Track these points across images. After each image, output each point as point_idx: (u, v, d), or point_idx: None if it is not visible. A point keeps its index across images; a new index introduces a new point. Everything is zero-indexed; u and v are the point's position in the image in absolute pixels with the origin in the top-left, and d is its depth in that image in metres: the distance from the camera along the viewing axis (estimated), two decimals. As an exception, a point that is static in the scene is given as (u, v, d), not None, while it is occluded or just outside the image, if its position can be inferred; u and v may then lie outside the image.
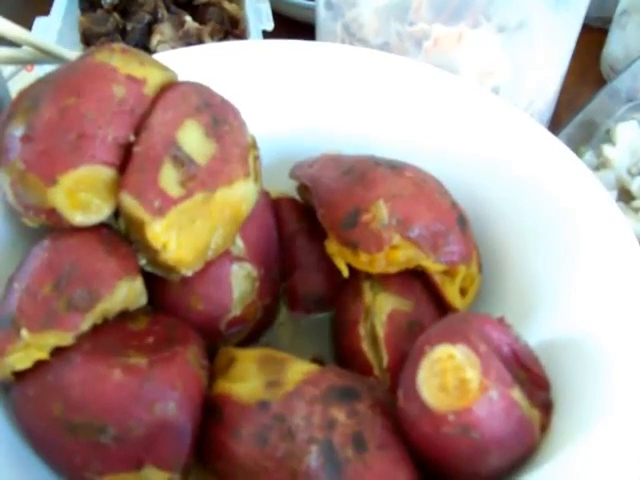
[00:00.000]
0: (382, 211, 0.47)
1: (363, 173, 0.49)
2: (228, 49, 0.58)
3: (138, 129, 0.44)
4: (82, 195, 0.43)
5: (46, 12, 0.77)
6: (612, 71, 0.94)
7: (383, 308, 0.48)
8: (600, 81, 0.97)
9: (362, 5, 0.63)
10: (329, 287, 0.54)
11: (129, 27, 0.77)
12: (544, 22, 0.64)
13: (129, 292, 0.44)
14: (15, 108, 0.45)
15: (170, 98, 0.45)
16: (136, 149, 0.43)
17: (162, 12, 0.76)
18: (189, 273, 0.45)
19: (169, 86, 0.46)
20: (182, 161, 0.43)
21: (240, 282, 0.49)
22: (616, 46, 0.95)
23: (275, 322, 0.54)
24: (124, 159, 0.43)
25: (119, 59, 0.45)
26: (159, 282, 0.46)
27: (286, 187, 0.56)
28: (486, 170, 0.54)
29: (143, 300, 0.46)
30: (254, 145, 0.49)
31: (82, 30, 0.79)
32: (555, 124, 0.81)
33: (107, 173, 0.43)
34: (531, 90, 0.70)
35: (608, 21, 0.97)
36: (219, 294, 0.48)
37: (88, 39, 0.78)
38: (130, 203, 0.42)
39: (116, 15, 0.79)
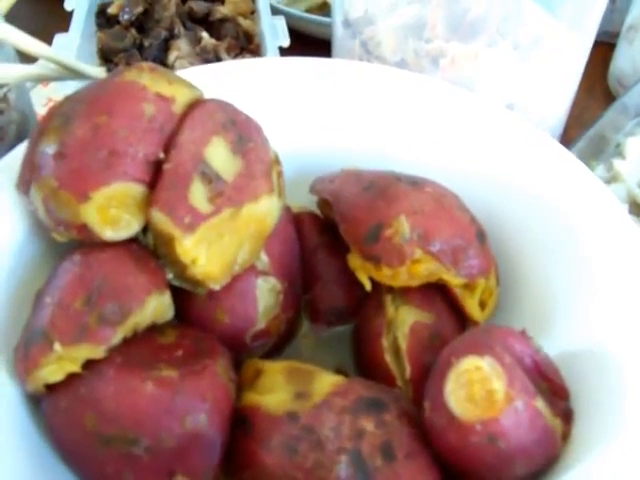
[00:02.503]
0: (404, 226, 0.48)
1: (384, 188, 0.50)
2: (249, 66, 0.59)
3: (167, 146, 0.45)
4: (113, 211, 0.44)
5: (65, 29, 0.79)
6: (620, 85, 0.95)
7: (405, 321, 0.49)
8: (608, 95, 0.98)
9: (379, 23, 0.64)
10: (349, 300, 0.54)
11: (146, 43, 0.78)
12: (558, 39, 0.65)
13: (158, 306, 0.45)
14: (46, 125, 0.46)
15: (197, 116, 0.46)
16: (166, 166, 0.44)
17: (178, 28, 0.78)
18: (217, 287, 0.45)
19: (196, 104, 0.47)
20: (210, 178, 0.44)
21: (265, 296, 0.49)
22: (624, 61, 0.96)
23: (297, 335, 0.55)
24: (154, 176, 0.44)
25: (148, 78, 0.46)
26: (186, 296, 0.47)
27: (306, 202, 0.57)
28: (502, 185, 0.55)
29: (171, 314, 0.47)
30: (277, 161, 0.50)
31: (100, 46, 0.80)
32: (565, 138, 0.82)
33: (137, 189, 0.44)
34: (544, 106, 0.71)
35: (615, 36, 0.98)
36: (245, 307, 0.49)
37: (106, 55, 0.79)
38: (161, 219, 0.43)
39: (133, 31, 0.80)
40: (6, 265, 0.48)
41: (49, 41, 0.75)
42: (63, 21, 0.82)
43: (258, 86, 0.58)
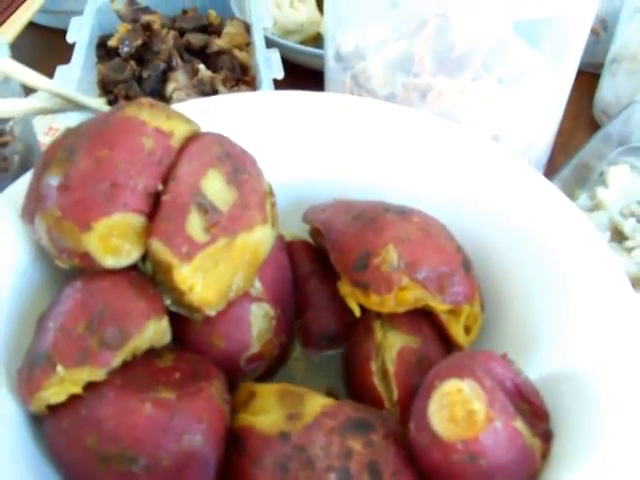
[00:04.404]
0: (391, 255, 0.50)
1: (373, 218, 0.52)
2: (244, 100, 0.61)
3: (166, 179, 0.47)
4: (114, 240, 0.46)
5: (66, 60, 0.81)
6: (604, 115, 0.98)
7: (393, 345, 0.51)
8: (593, 123, 1.00)
9: (369, 58, 0.67)
10: (340, 325, 0.56)
11: (145, 75, 0.80)
12: (541, 73, 0.67)
13: (156, 331, 0.47)
14: (50, 157, 0.48)
15: (194, 149, 0.49)
16: (164, 198, 0.46)
17: (176, 60, 0.80)
18: (212, 313, 0.47)
19: (193, 138, 0.50)
20: (206, 209, 0.46)
21: (258, 321, 0.51)
22: (607, 92, 0.98)
23: (289, 358, 0.57)
24: (153, 207, 0.46)
25: (148, 113, 0.48)
26: (183, 321, 0.49)
27: (299, 230, 0.59)
28: (487, 215, 0.57)
29: (168, 338, 0.48)
30: (271, 192, 0.52)
31: (100, 77, 0.82)
32: (551, 166, 0.84)
33: (137, 220, 0.46)
34: (529, 137, 0.73)
35: (599, 67, 1.01)
36: (239, 332, 0.51)
37: (106, 86, 0.81)
38: (159, 248, 0.45)
39: (132, 63, 0.82)
40: (11, 290, 0.50)
41: (51, 72, 0.78)
42: (65, 52, 0.85)
43: (253, 119, 0.61)
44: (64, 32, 0.88)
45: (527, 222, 0.55)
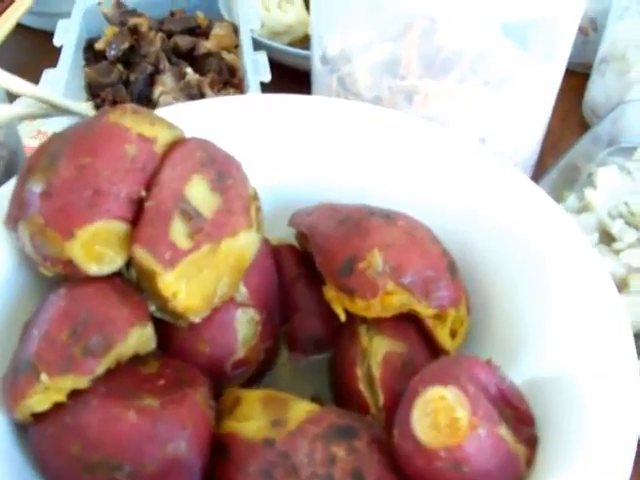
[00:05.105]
0: (377, 259, 0.50)
1: (358, 222, 0.52)
2: (229, 104, 0.61)
3: (149, 185, 0.47)
4: (97, 247, 0.46)
5: (53, 62, 0.81)
6: (594, 115, 0.98)
7: (378, 350, 0.51)
8: (582, 124, 1.00)
9: (356, 61, 0.67)
10: (326, 330, 0.56)
11: (132, 78, 0.80)
12: (528, 75, 0.67)
13: (140, 338, 0.47)
14: (34, 163, 0.48)
15: (178, 155, 0.49)
16: (147, 204, 0.46)
17: (164, 63, 0.80)
18: (197, 320, 0.47)
19: (177, 143, 0.50)
20: (190, 215, 0.46)
21: (244, 326, 0.51)
22: (597, 92, 0.98)
23: (276, 363, 0.57)
24: (136, 213, 0.46)
25: (131, 119, 0.48)
26: (168, 327, 0.49)
27: (285, 234, 0.59)
28: (473, 218, 0.57)
29: (153, 345, 0.48)
30: (256, 197, 0.52)
31: (87, 81, 0.82)
32: (540, 166, 0.84)
33: (120, 227, 0.46)
34: (516, 138, 0.73)
35: (589, 67, 1.01)
36: (224, 338, 0.51)
37: (93, 89, 0.81)
38: (143, 255, 0.45)
39: (120, 66, 0.82)
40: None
41: (38, 74, 0.78)
42: (52, 54, 0.85)
43: (239, 123, 0.61)
44: (51, 34, 0.88)
45: (513, 225, 0.55)
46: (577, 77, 1.02)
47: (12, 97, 0.70)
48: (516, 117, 0.71)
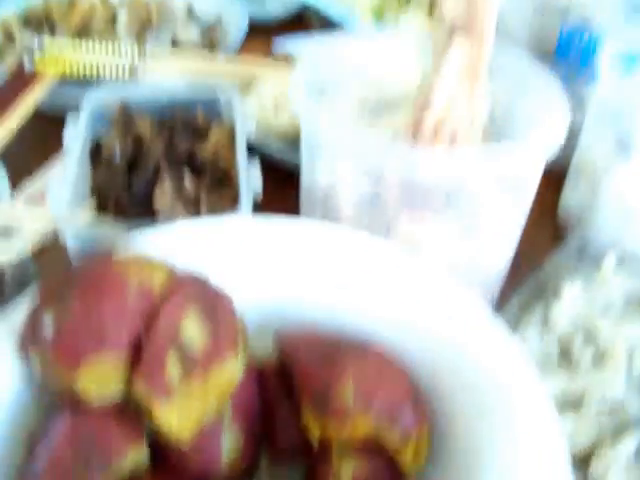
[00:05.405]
0: (349, 389, 0.56)
1: (334, 353, 0.59)
2: (220, 225, 0.67)
3: (147, 326, 0.53)
4: (100, 380, 0.52)
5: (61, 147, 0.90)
6: (568, 223, 1.01)
7: (347, 471, 0.57)
8: (557, 228, 1.03)
9: (338, 190, 0.73)
10: (305, 442, 0.62)
11: (134, 183, 0.86)
12: (497, 208, 0.73)
13: (137, 457, 0.53)
14: (46, 298, 0.54)
15: (173, 298, 0.55)
16: (146, 343, 0.53)
17: (163, 172, 0.85)
18: (187, 441, 0.53)
19: (172, 286, 0.56)
20: (184, 351, 0.52)
21: (228, 442, 0.57)
22: (570, 201, 1.02)
23: (257, 470, 0.63)
24: (136, 351, 0.53)
25: (132, 270, 0.55)
26: (161, 445, 0.55)
27: (268, 349, 0.66)
28: (434, 341, 0.63)
29: (147, 462, 0.55)
30: (243, 330, 0.58)
31: (93, 184, 0.88)
32: (515, 276, 0.86)
33: (122, 362, 0.52)
34: (487, 263, 0.79)
35: (566, 166, 1.03)
36: (210, 454, 0.57)
37: (98, 191, 0.86)
38: (141, 388, 0.51)
39: (124, 170, 0.88)
40: (4, 410, 0.56)
41: (48, 158, 0.87)
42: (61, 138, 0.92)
43: (228, 243, 0.67)
44: (61, 119, 0.94)
45: (471, 355, 0.60)
46: (553, 175, 0.98)
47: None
48: (486, 245, 0.76)
